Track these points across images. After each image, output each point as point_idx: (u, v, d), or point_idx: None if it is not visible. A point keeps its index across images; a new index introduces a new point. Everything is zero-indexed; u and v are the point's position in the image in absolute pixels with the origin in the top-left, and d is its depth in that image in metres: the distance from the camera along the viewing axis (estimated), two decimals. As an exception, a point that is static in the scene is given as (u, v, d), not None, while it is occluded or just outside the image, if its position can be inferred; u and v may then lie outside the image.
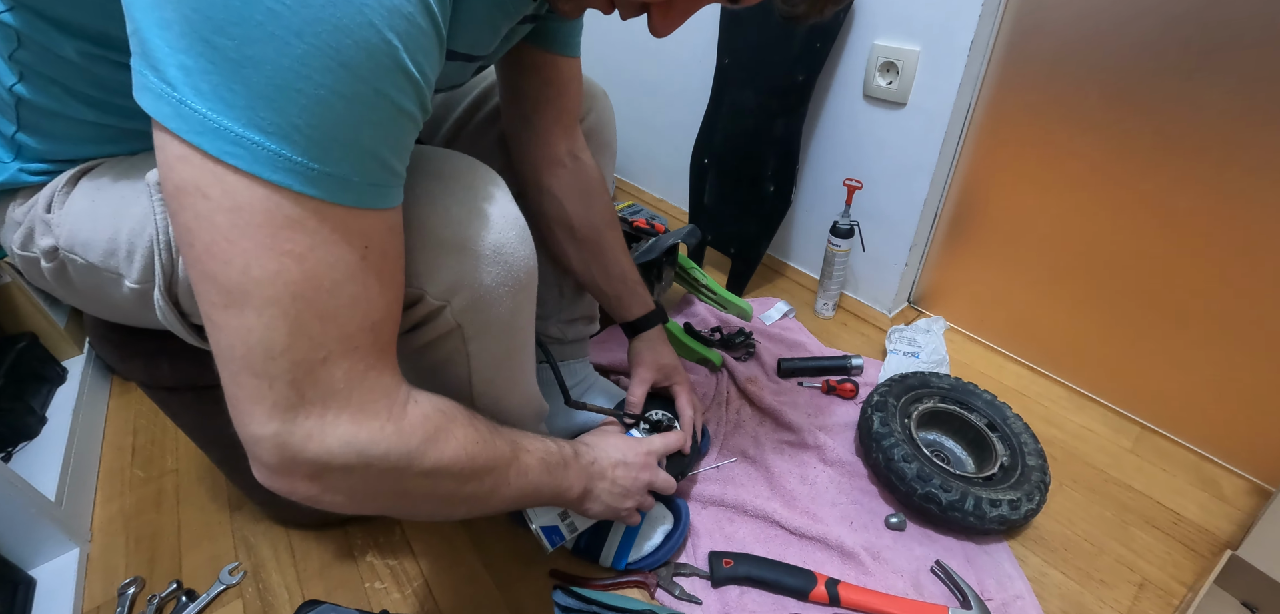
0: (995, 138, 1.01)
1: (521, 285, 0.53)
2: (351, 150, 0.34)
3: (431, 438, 0.43)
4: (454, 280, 0.48)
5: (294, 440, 0.38)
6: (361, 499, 0.43)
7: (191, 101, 0.31)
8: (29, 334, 1.00)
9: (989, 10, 0.90)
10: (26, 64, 0.45)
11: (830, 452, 0.89)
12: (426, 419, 0.44)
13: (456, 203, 0.47)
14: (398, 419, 0.42)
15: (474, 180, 0.50)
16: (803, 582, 0.72)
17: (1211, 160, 0.81)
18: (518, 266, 0.51)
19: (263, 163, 0.32)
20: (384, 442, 0.40)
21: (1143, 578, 0.76)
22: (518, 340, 0.58)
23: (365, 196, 0.36)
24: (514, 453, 0.51)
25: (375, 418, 0.40)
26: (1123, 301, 0.95)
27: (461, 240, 0.47)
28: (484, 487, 0.49)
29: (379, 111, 0.34)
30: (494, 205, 0.49)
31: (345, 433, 0.39)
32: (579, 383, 0.91)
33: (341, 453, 0.39)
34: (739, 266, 1.27)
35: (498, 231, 0.49)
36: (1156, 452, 0.94)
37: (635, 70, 1.50)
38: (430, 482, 0.44)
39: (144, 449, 0.95)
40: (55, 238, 0.49)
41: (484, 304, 0.50)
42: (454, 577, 0.76)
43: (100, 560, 0.80)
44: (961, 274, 1.15)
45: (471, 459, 0.46)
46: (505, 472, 0.50)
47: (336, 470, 0.40)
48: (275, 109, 0.31)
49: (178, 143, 0.32)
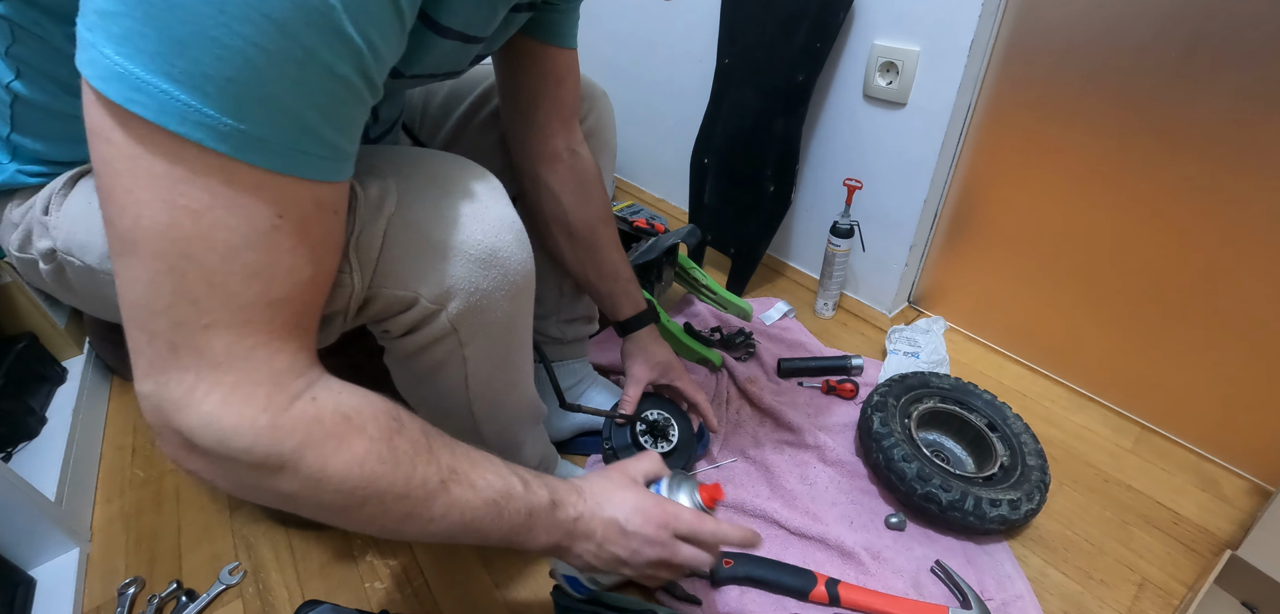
0: (995, 138, 1.01)
1: (518, 289, 0.52)
2: (271, 109, 0.32)
3: (314, 443, 0.38)
4: (449, 284, 0.48)
5: (165, 405, 0.35)
6: (239, 489, 0.39)
7: (102, 46, 0.30)
8: (29, 334, 1.00)
9: (989, 10, 0.90)
10: (22, 59, 0.45)
11: (830, 452, 0.89)
12: (316, 421, 0.38)
13: (452, 206, 0.47)
14: (277, 412, 0.37)
15: (471, 183, 0.50)
16: (803, 581, 0.72)
17: (1211, 160, 0.81)
18: (514, 270, 0.51)
19: (169, 113, 0.30)
20: (249, 433, 0.36)
21: (1143, 578, 0.76)
22: (515, 343, 0.58)
23: (286, 162, 0.34)
24: (443, 484, 0.43)
25: (249, 403, 0.36)
26: (1123, 301, 0.95)
27: (457, 244, 0.47)
28: (392, 514, 0.42)
29: (307, 72, 0.32)
30: (491, 209, 0.49)
31: (209, 411, 0.35)
32: (578, 383, 0.91)
33: (202, 433, 0.35)
34: (739, 266, 1.27)
35: (494, 235, 0.49)
36: (1156, 452, 0.94)
37: (636, 70, 1.50)
38: (313, 492, 0.39)
39: (144, 449, 0.95)
40: (53, 240, 0.49)
41: (480, 308, 0.50)
42: (454, 577, 0.76)
43: (100, 560, 0.80)
44: (961, 274, 1.15)
45: (368, 479, 0.40)
46: (425, 503, 0.42)
47: (199, 451, 0.36)
48: (188, 57, 0.29)
49: (94, 97, 0.31)
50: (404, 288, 0.47)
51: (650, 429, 0.80)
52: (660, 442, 0.79)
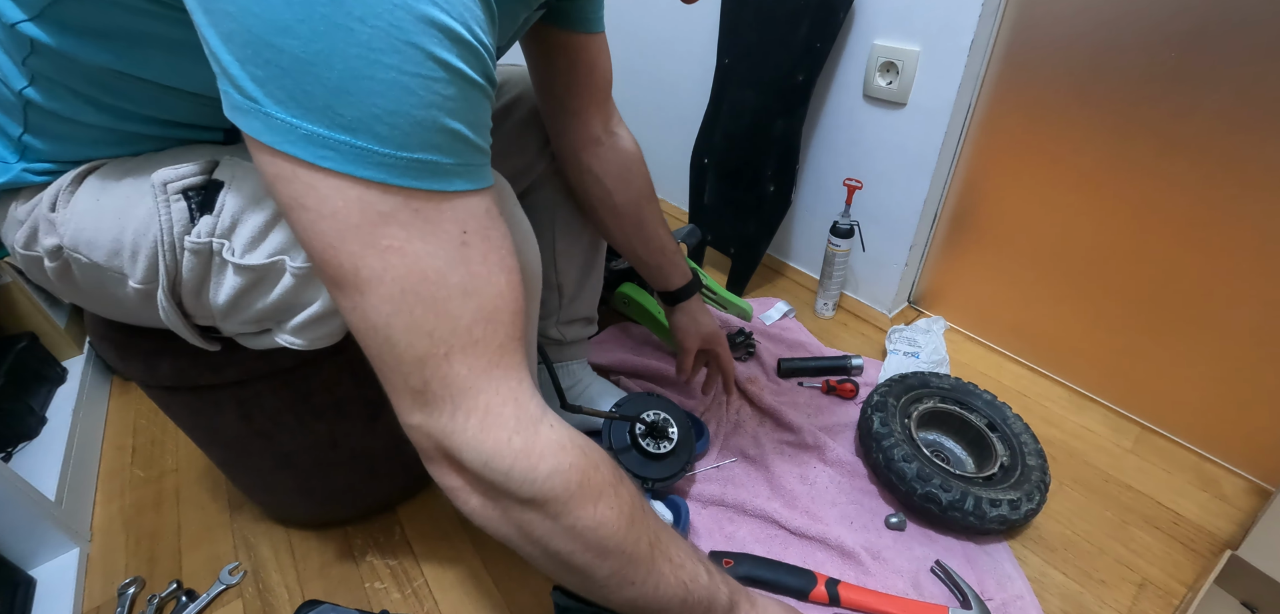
0: (995, 138, 1.01)
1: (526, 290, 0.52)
2: (432, 131, 0.33)
3: (562, 472, 0.39)
4: None
5: (436, 432, 0.38)
6: (492, 518, 0.40)
7: (272, 111, 0.31)
8: (29, 334, 1.00)
9: (989, 10, 0.90)
10: (39, 70, 0.45)
11: (830, 452, 0.89)
12: (562, 449, 0.39)
13: None
14: (528, 434, 0.38)
15: None
16: (803, 582, 0.72)
17: (1211, 160, 0.81)
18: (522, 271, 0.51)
19: (349, 159, 0.32)
20: (507, 455, 0.37)
21: (1143, 578, 0.76)
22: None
23: (453, 178, 0.35)
24: (651, 550, 0.43)
25: (501, 425, 0.37)
26: (1123, 301, 0.95)
27: None
28: (605, 571, 0.42)
29: (454, 87, 0.34)
30: None
31: (473, 435, 0.37)
32: (578, 384, 0.91)
33: (472, 459, 0.38)
34: (739, 266, 1.27)
35: None
36: (1156, 452, 0.94)
37: (636, 70, 1.50)
38: (550, 531, 0.40)
39: (144, 449, 0.95)
40: (59, 237, 0.49)
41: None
42: (454, 577, 0.76)
43: (100, 560, 0.80)
44: (961, 274, 1.15)
45: (612, 533, 0.40)
46: (634, 566, 0.42)
47: (469, 473, 0.39)
48: (352, 102, 0.31)
49: (271, 157, 0.32)
50: None
51: (649, 430, 0.79)
52: (661, 442, 0.79)
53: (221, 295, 0.48)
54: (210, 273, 0.47)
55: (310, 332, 0.49)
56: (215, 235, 0.46)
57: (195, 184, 0.46)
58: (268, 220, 0.46)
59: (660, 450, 0.78)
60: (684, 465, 0.79)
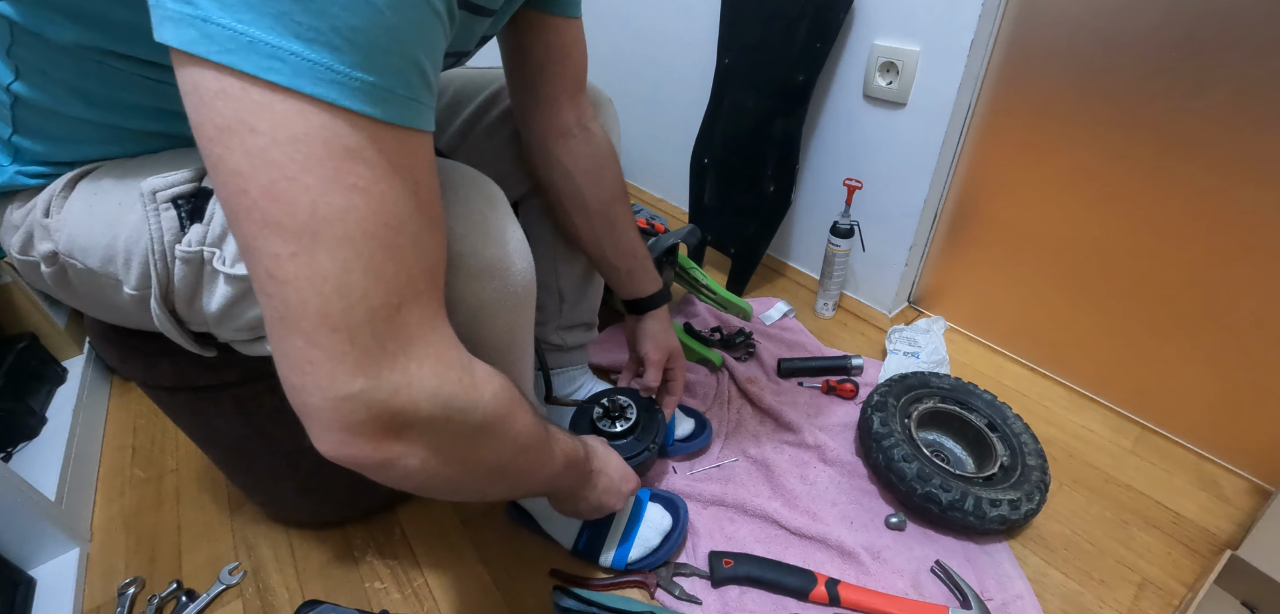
0: (995, 138, 1.01)
1: (519, 300, 0.52)
2: (394, 57, 0.31)
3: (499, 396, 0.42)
4: (450, 297, 0.47)
5: (381, 395, 0.35)
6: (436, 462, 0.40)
7: (215, 16, 0.27)
8: (29, 334, 1.00)
9: (989, 10, 0.90)
10: (23, 59, 0.44)
11: (830, 451, 0.89)
12: (491, 376, 0.42)
13: (454, 218, 0.47)
14: (470, 372, 0.40)
15: (472, 194, 0.49)
16: (803, 581, 0.72)
17: (1212, 160, 0.81)
18: (515, 281, 0.51)
19: (306, 76, 0.28)
20: (464, 394, 0.39)
21: (1143, 578, 0.76)
22: (516, 353, 0.58)
23: (409, 114, 0.33)
24: (548, 438, 0.51)
25: (453, 368, 0.38)
26: (1123, 301, 0.95)
27: (457, 256, 0.47)
28: (526, 464, 0.48)
29: (418, 12, 0.31)
30: (491, 220, 0.49)
31: (431, 384, 0.36)
32: (577, 388, 0.91)
33: (428, 405, 0.37)
34: (739, 266, 1.27)
35: (495, 246, 0.48)
36: (1156, 452, 0.94)
37: (636, 70, 1.50)
38: (496, 448, 0.43)
39: (144, 449, 0.95)
40: (55, 243, 0.49)
41: (481, 319, 0.50)
42: (454, 577, 0.76)
43: (100, 560, 0.80)
44: (961, 274, 1.15)
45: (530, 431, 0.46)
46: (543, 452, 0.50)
47: (421, 426, 0.37)
48: (311, 10, 0.27)
49: (210, 71, 0.28)
50: None
51: (606, 412, 0.82)
52: (617, 421, 0.81)
53: (214, 303, 0.47)
54: (202, 281, 0.47)
55: None
56: (206, 244, 0.46)
57: (185, 192, 0.46)
58: None
59: (615, 429, 0.80)
60: (644, 450, 0.79)
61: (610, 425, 0.80)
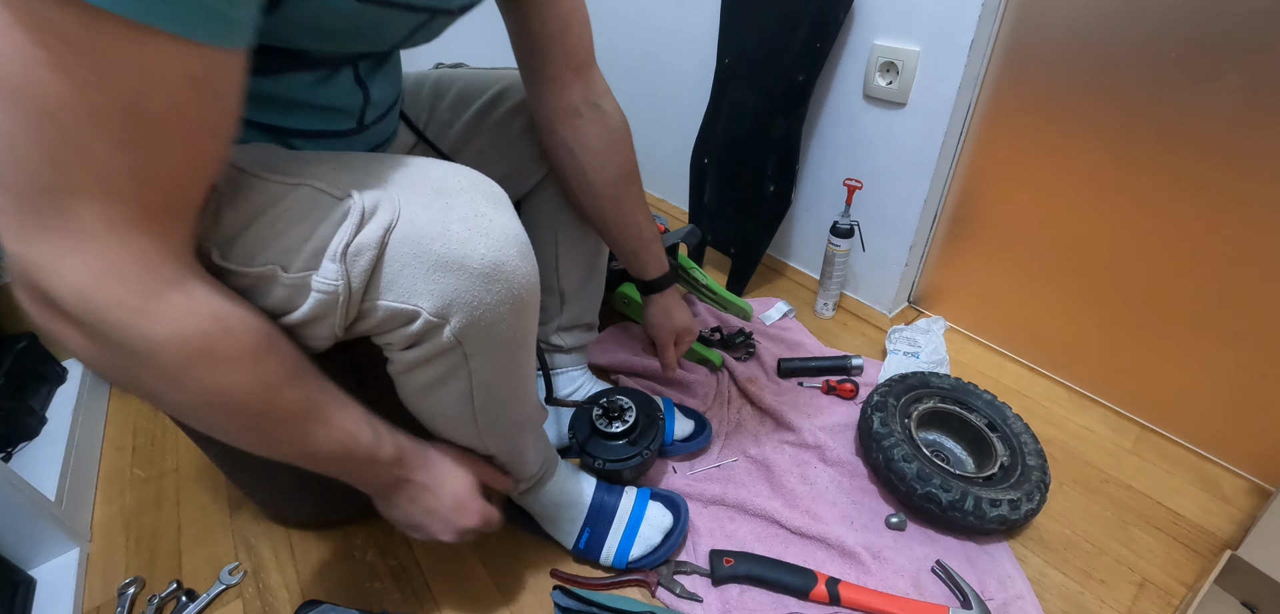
0: (995, 137, 1.01)
1: (523, 302, 0.51)
2: None
3: (183, 338, 0.38)
4: (451, 299, 0.47)
5: (29, 264, 0.34)
6: (107, 369, 0.38)
7: None
8: (29, 334, 1.00)
9: (989, 10, 0.90)
10: None
11: (830, 451, 0.89)
12: (188, 314, 0.38)
13: (456, 219, 0.46)
14: (148, 296, 0.36)
15: (476, 195, 0.49)
16: (803, 580, 0.72)
17: (1212, 160, 0.81)
18: (519, 284, 0.50)
19: None
20: (120, 314, 0.35)
21: (1143, 578, 0.76)
22: (520, 355, 0.57)
23: (150, 11, 0.30)
24: (304, 414, 0.47)
25: (120, 281, 0.35)
26: (1123, 301, 0.96)
27: (460, 258, 0.46)
28: (241, 427, 0.45)
29: None
30: (495, 222, 0.48)
31: (80, 281, 0.34)
32: (578, 389, 0.91)
33: (72, 300, 0.35)
34: (739, 266, 1.27)
35: (497, 249, 0.48)
36: (1156, 452, 0.94)
37: (636, 70, 1.50)
38: (174, 390, 0.40)
39: (144, 449, 0.95)
40: None
41: (484, 323, 0.49)
42: (454, 576, 0.76)
43: (100, 560, 0.80)
44: (961, 274, 1.15)
45: (228, 389, 0.41)
46: (280, 426, 0.46)
47: (71, 319, 0.36)
48: None
49: None
50: (405, 301, 0.46)
51: (605, 411, 0.82)
52: (615, 421, 0.81)
53: None
54: None
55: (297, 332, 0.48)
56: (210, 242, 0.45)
57: None
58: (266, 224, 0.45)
59: (613, 429, 0.80)
60: (642, 452, 0.79)
61: (609, 426, 0.80)
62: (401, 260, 0.45)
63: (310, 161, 0.47)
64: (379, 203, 0.44)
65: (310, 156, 0.48)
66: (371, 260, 0.44)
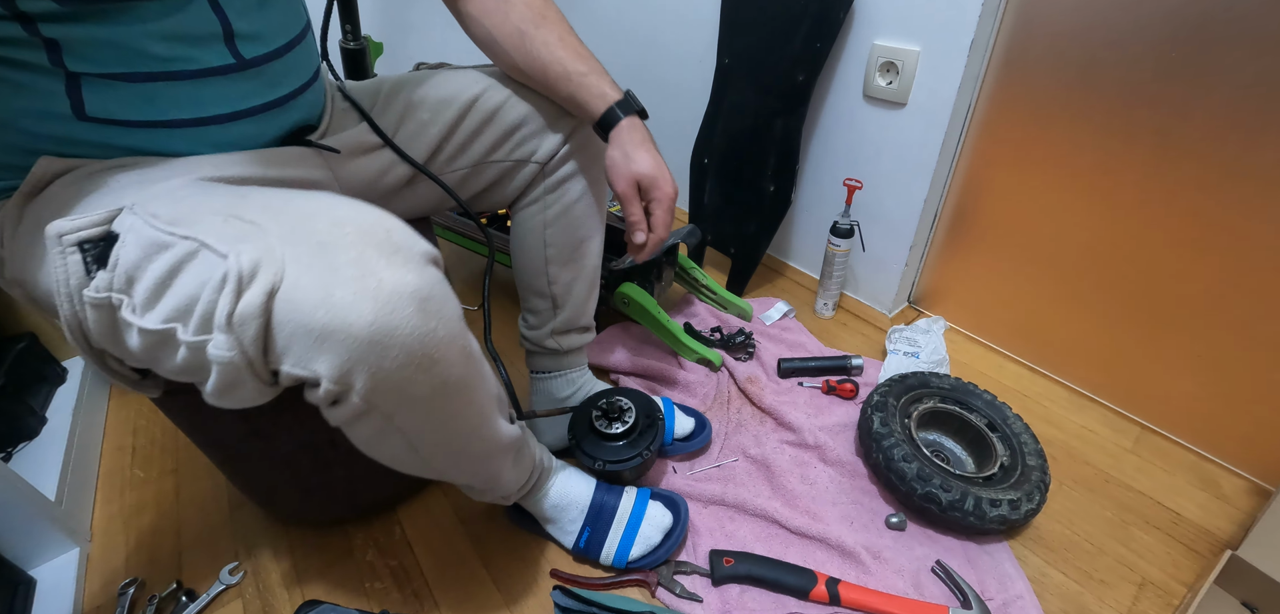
0: (995, 138, 1.01)
1: (433, 359, 0.45)
2: None
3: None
4: (348, 368, 0.42)
5: None
6: None
7: None
8: (29, 334, 1.00)
9: (989, 10, 0.90)
10: None
11: (830, 451, 0.89)
12: None
13: (341, 282, 0.41)
14: None
15: (364, 249, 0.43)
16: (803, 580, 0.72)
17: (1212, 160, 0.81)
18: (419, 344, 0.44)
19: None
20: None
21: (1143, 578, 0.76)
22: (457, 402, 0.51)
23: None
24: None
25: None
26: (1123, 301, 0.96)
27: (344, 328, 0.41)
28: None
29: None
30: (384, 280, 0.42)
31: None
32: (577, 391, 0.91)
33: None
34: (739, 266, 1.27)
35: (387, 313, 0.42)
36: (1156, 452, 0.94)
37: (636, 70, 1.50)
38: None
39: (144, 449, 0.95)
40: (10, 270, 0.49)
41: (392, 384, 0.44)
42: (454, 577, 0.76)
43: (100, 560, 0.80)
44: (961, 274, 1.15)
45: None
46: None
47: None
48: None
49: None
50: (304, 368, 0.42)
51: (604, 412, 0.82)
52: (614, 423, 0.81)
53: (135, 349, 0.45)
54: (116, 327, 0.45)
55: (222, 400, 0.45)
56: (113, 290, 0.44)
57: (91, 236, 0.44)
58: (160, 279, 0.43)
59: (613, 430, 0.80)
60: (642, 453, 0.79)
61: (609, 427, 0.80)
62: (289, 329, 0.41)
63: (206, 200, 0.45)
64: (259, 264, 0.40)
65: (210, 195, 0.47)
66: (259, 329, 0.41)
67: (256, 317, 0.40)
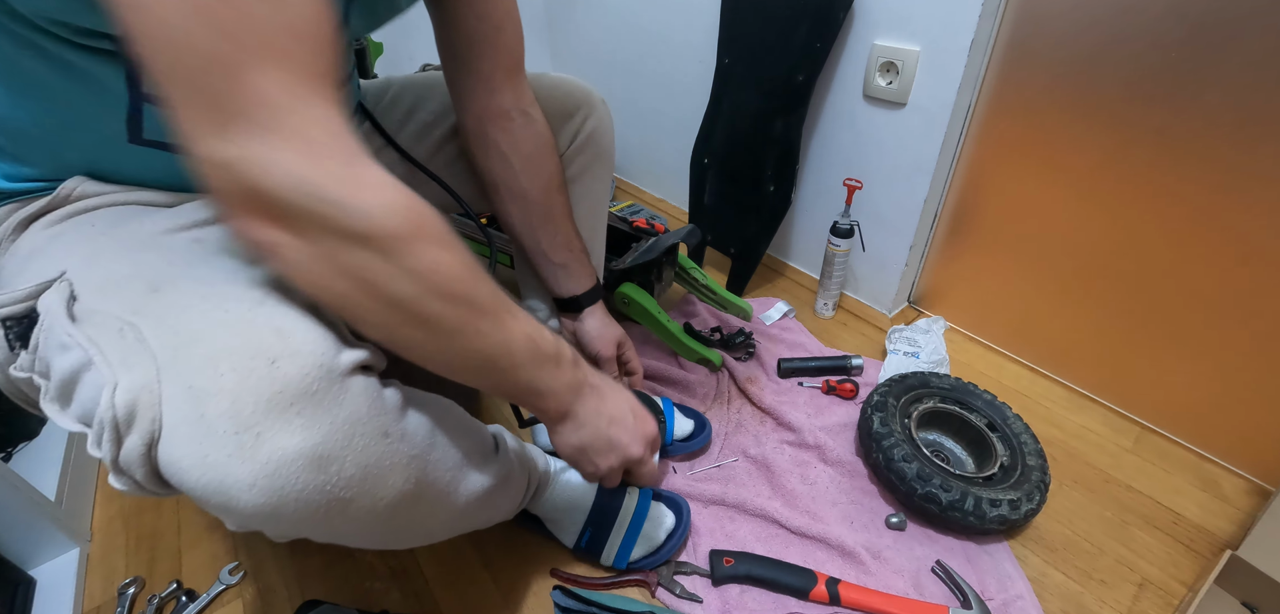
0: (995, 138, 1.01)
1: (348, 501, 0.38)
2: None
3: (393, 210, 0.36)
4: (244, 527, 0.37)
5: (234, 162, 0.32)
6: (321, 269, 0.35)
7: None
8: (29, 334, 1.00)
9: (989, 10, 0.90)
10: None
11: (830, 451, 0.89)
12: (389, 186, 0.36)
13: (215, 441, 0.34)
14: (352, 165, 0.35)
15: (239, 398, 0.35)
16: (803, 580, 0.72)
17: (1212, 160, 0.81)
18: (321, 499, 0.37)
19: None
20: (336, 188, 0.34)
21: (1143, 578, 0.76)
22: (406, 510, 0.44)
23: None
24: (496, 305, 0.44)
25: (325, 154, 0.34)
26: (1123, 301, 0.96)
27: (221, 498, 0.35)
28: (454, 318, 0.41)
29: None
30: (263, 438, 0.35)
31: (293, 164, 0.33)
32: None
33: (291, 190, 0.33)
34: (739, 267, 1.27)
35: (268, 481, 0.35)
36: (1156, 452, 0.94)
37: (636, 70, 1.50)
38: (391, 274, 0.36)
39: (144, 449, 0.95)
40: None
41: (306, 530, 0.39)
42: (454, 577, 0.76)
43: (100, 560, 0.80)
44: (961, 274, 1.16)
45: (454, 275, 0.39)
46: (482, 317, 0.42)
47: (284, 210, 0.33)
48: None
49: None
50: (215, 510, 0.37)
51: None
52: None
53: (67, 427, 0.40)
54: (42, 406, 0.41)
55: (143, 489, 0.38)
56: (34, 372, 0.40)
57: (14, 314, 0.41)
58: (65, 380, 0.38)
59: None
60: None
61: None
62: (176, 482, 0.35)
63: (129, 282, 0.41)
64: (135, 409, 0.35)
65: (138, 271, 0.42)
66: (147, 473, 0.36)
67: (139, 465, 0.35)
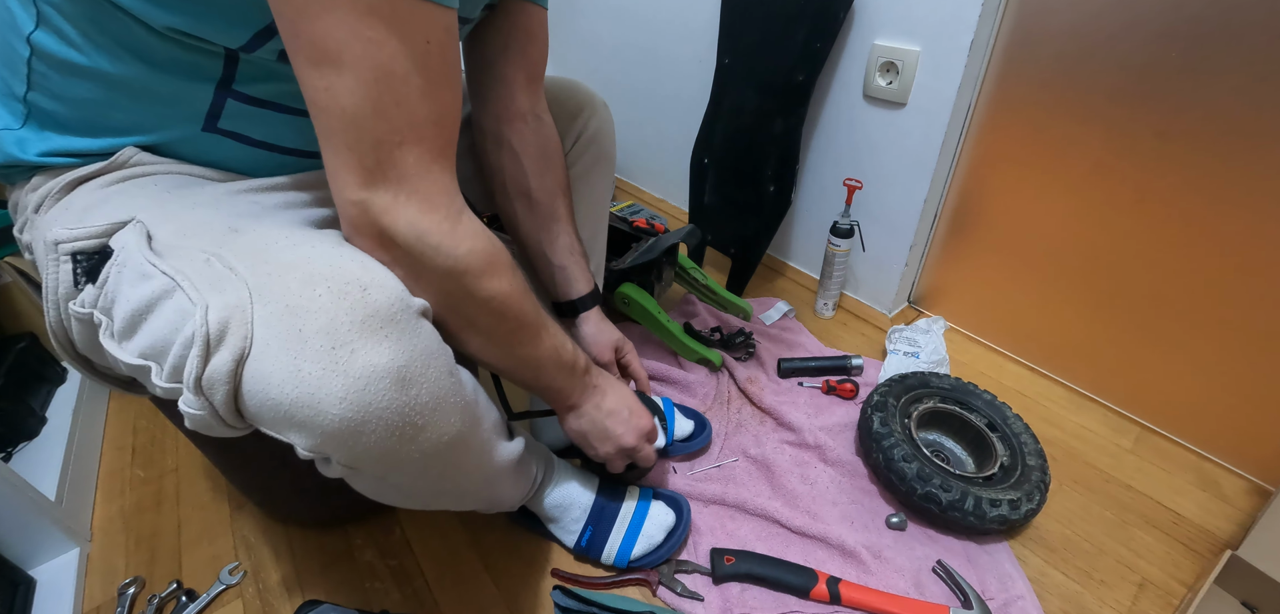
0: (995, 137, 1.01)
1: (419, 427, 0.43)
2: None
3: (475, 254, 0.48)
4: (318, 446, 0.40)
5: (373, 209, 0.43)
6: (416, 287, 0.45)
7: None
8: (29, 334, 1.00)
9: (989, 10, 0.90)
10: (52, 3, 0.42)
11: (830, 451, 0.89)
12: (477, 235, 0.48)
13: (310, 356, 0.38)
14: (453, 220, 0.46)
15: (336, 314, 0.39)
16: (804, 579, 0.72)
17: (1212, 160, 0.81)
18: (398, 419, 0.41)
19: None
20: (439, 235, 0.45)
21: (1143, 578, 0.76)
22: (452, 456, 0.48)
23: None
24: (538, 323, 0.56)
25: (436, 210, 0.45)
26: (1123, 301, 0.96)
27: (311, 413, 0.38)
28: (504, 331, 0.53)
29: None
30: (356, 354, 0.39)
31: (411, 215, 0.44)
32: None
33: (405, 232, 0.44)
34: (739, 267, 1.27)
35: (356, 395, 0.39)
36: (1156, 452, 0.94)
37: (636, 70, 1.50)
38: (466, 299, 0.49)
39: (144, 449, 0.95)
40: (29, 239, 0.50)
41: (375, 458, 0.42)
42: (454, 577, 0.76)
43: (100, 560, 0.79)
44: (961, 274, 1.16)
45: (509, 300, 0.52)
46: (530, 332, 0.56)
47: (401, 248, 0.44)
48: None
49: None
50: (279, 434, 0.40)
51: None
52: None
53: (121, 366, 0.42)
54: (99, 343, 0.43)
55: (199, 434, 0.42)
56: (97, 308, 0.42)
57: (85, 249, 0.43)
58: (137, 310, 0.40)
59: None
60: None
61: None
62: (258, 399, 0.39)
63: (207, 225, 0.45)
64: (227, 325, 0.38)
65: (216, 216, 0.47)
66: (228, 393, 0.38)
67: (225, 382, 0.38)
